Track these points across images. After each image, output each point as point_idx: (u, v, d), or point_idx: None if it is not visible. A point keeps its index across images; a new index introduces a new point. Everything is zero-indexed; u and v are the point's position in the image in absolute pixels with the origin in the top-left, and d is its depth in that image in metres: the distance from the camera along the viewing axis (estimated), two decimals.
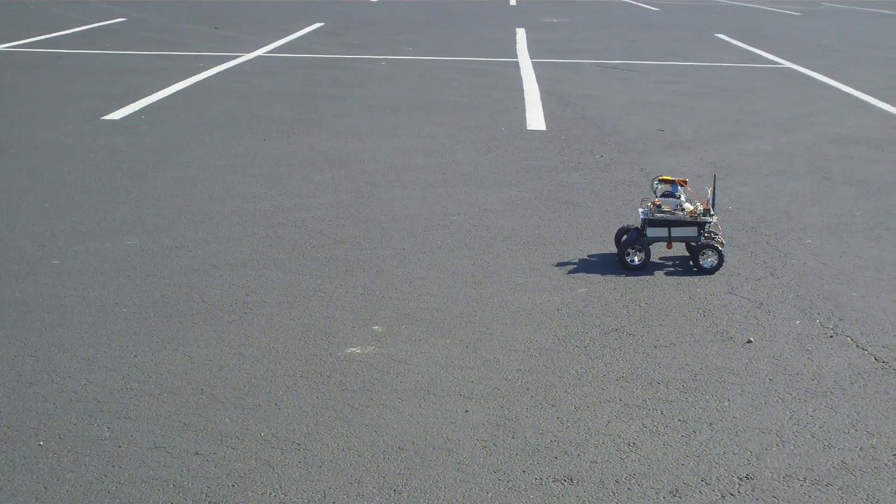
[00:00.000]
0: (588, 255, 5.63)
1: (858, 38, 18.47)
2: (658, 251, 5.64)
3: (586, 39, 17.37)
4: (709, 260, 5.35)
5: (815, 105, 10.81)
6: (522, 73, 12.90)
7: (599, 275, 5.32)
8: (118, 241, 5.72)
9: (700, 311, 4.85)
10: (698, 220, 5.41)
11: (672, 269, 5.45)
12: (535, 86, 11.77)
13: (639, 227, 5.51)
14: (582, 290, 5.10)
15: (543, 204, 6.68)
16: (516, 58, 14.45)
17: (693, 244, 5.45)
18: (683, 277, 5.31)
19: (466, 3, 26.06)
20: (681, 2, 27.85)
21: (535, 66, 13.56)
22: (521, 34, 17.82)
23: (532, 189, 7.06)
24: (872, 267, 5.51)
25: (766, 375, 4.14)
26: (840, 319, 4.75)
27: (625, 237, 5.52)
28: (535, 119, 9.70)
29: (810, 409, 3.85)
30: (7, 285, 5.00)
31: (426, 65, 13.68)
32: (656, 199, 5.47)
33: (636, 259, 5.40)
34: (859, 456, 3.51)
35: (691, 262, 5.45)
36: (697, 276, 5.32)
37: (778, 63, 14.37)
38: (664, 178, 5.57)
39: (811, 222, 6.33)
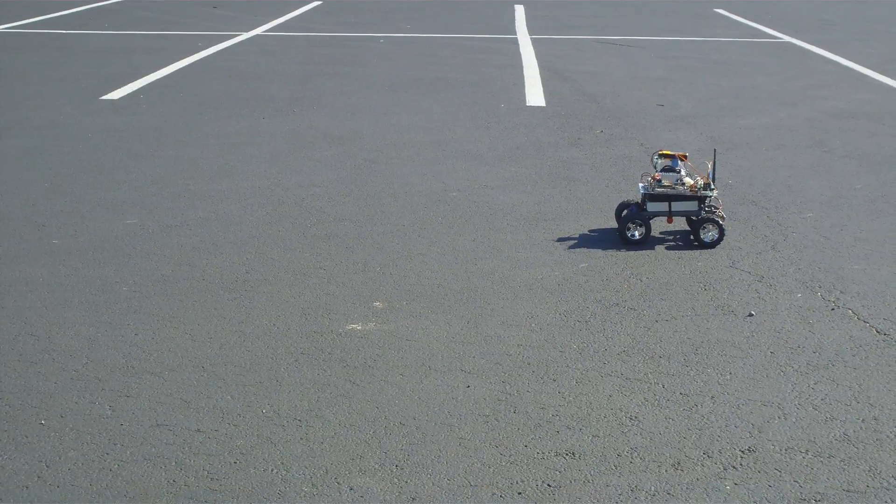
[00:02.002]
0: (588, 231, 5.62)
1: (859, 12, 18.39)
2: (658, 226, 5.63)
3: (585, 15, 17.30)
4: (709, 234, 5.35)
5: (815, 79, 10.77)
6: (521, 49, 12.85)
7: (600, 250, 5.32)
8: (118, 220, 5.71)
9: (701, 285, 4.84)
10: (699, 194, 5.40)
11: (673, 243, 5.44)
12: (535, 62, 11.73)
13: (639, 201, 5.50)
14: (583, 264, 5.10)
15: (543, 180, 6.67)
16: (515, 34, 14.39)
17: (693, 218, 5.44)
18: (684, 252, 5.30)
19: None
20: None
21: (535, 42, 13.50)
22: (519, 11, 17.75)
23: (532, 165, 7.04)
24: (873, 240, 5.50)
25: (768, 348, 4.13)
26: (841, 292, 4.75)
27: (625, 212, 5.50)
28: (535, 95, 9.67)
29: (812, 382, 3.85)
30: (7, 265, 5.00)
31: (425, 42, 13.63)
32: (656, 174, 5.46)
33: (637, 234, 5.39)
34: (861, 428, 3.51)
35: (692, 237, 5.44)
36: (698, 251, 5.31)
37: (778, 38, 14.31)
38: (664, 152, 5.55)
39: (812, 196, 6.31)
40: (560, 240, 5.46)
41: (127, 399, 3.66)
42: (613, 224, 5.64)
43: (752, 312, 4.49)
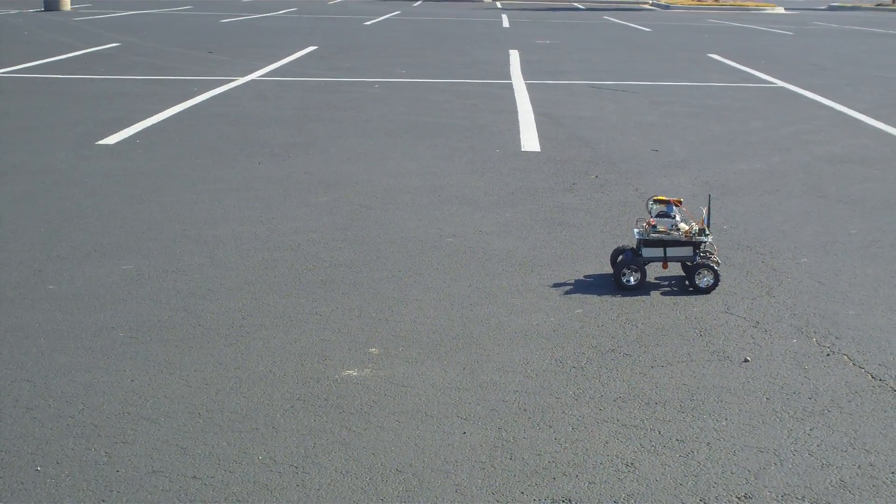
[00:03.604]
0: (584, 276, 5.64)
1: (850, 56, 18.54)
2: (654, 271, 5.65)
3: (579, 60, 17.43)
4: (704, 279, 5.36)
5: (808, 124, 10.85)
6: (516, 94, 12.94)
7: (595, 295, 5.33)
8: (114, 265, 5.72)
9: (696, 330, 4.85)
10: (693, 239, 5.42)
11: (668, 288, 5.46)
12: (529, 107, 11.81)
13: (634, 247, 5.52)
14: (578, 310, 5.11)
15: (539, 225, 6.69)
16: (510, 79, 14.49)
17: (689, 264, 5.46)
18: (679, 297, 5.32)
19: (459, 25, 26.15)
20: (673, 23, 27.94)
21: (529, 87, 13.60)
22: (514, 56, 17.88)
23: (527, 210, 7.07)
24: (868, 285, 5.52)
25: (764, 394, 4.14)
26: (836, 338, 4.76)
27: (620, 257, 5.52)
28: (530, 140, 9.72)
29: (808, 428, 3.85)
30: (3, 311, 5.00)
31: (420, 87, 13.71)
32: (651, 220, 5.48)
33: (632, 279, 5.41)
34: (857, 474, 3.51)
35: (687, 282, 5.46)
36: (693, 296, 5.32)
37: (771, 82, 14.43)
38: (659, 198, 5.58)
39: (806, 241, 6.34)
40: (555, 285, 5.47)
41: (123, 445, 3.65)
42: (609, 269, 5.66)
43: (748, 358, 4.50)
